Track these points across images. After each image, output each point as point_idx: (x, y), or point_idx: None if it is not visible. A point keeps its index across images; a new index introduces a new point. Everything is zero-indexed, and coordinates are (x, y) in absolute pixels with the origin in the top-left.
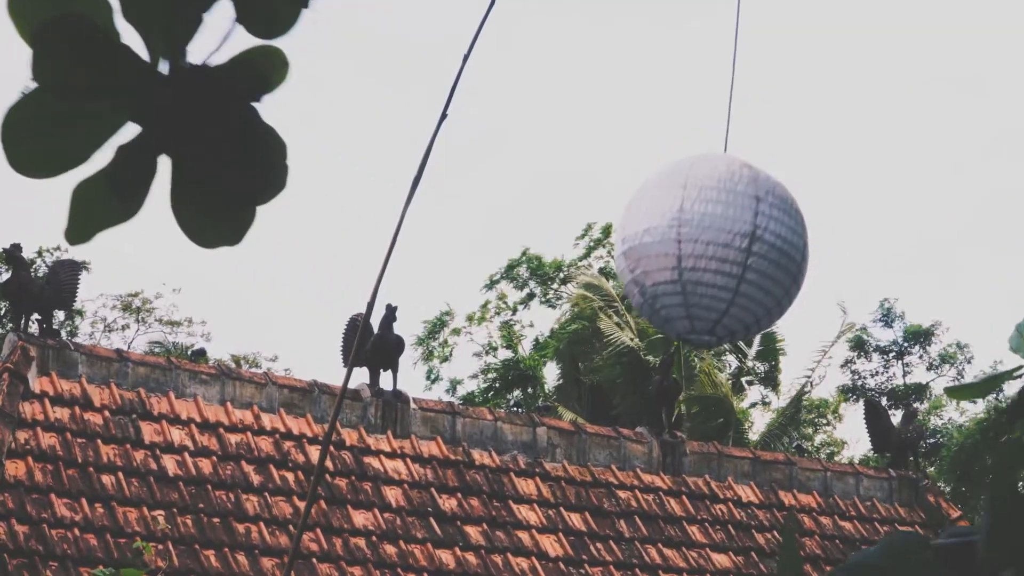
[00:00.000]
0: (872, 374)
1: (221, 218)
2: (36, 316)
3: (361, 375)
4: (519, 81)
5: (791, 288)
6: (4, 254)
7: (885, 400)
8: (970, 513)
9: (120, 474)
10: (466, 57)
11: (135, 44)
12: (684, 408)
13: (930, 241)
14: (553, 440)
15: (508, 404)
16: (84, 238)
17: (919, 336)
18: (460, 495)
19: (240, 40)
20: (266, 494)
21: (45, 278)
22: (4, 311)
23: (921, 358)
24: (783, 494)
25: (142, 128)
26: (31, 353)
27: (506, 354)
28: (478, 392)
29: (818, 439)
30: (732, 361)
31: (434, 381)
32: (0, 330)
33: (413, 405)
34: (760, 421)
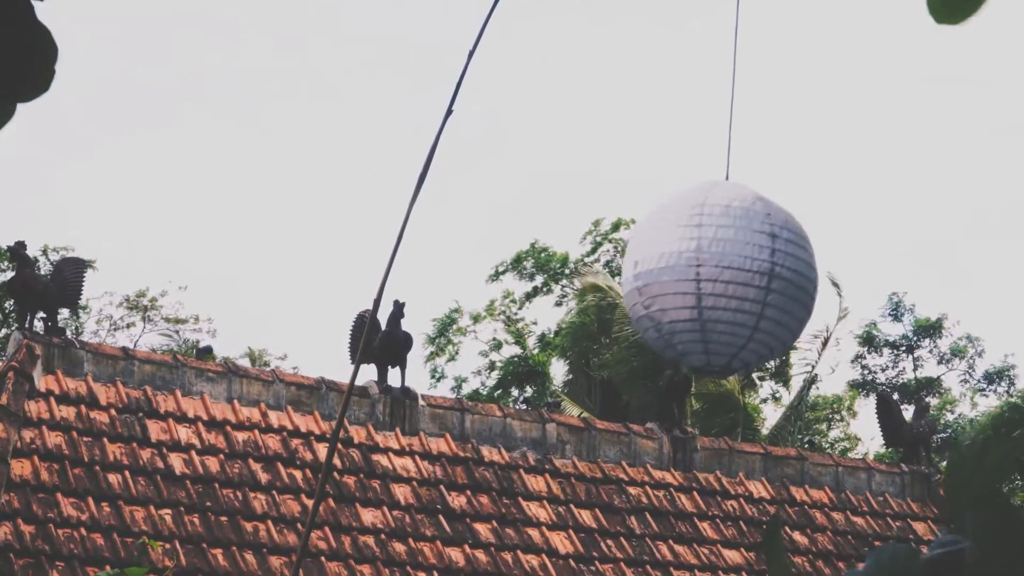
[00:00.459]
0: (882, 369)
1: None
2: (41, 314)
3: (369, 372)
4: (522, 78)
5: (805, 318)
6: (9, 252)
7: (896, 395)
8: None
9: (127, 473)
10: (471, 53)
11: None
12: (690, 405)
13: (937, 234)
14: (563, 436)
15: (514, 401)
16: None
17: (929, 330)
18: (469, 492)
19: None
20: (274, 492)
21: (50, 276)
22: (9, 309)
23: (931, 352)
24: (795, 490)
25: None
26: (36, 351)
27: (511, 351)
28: (487, 390)
29: (832, 435)
30: None
31: (439, 379)
32: (5, 329)
33: (422, 402)
34: (772, 417)
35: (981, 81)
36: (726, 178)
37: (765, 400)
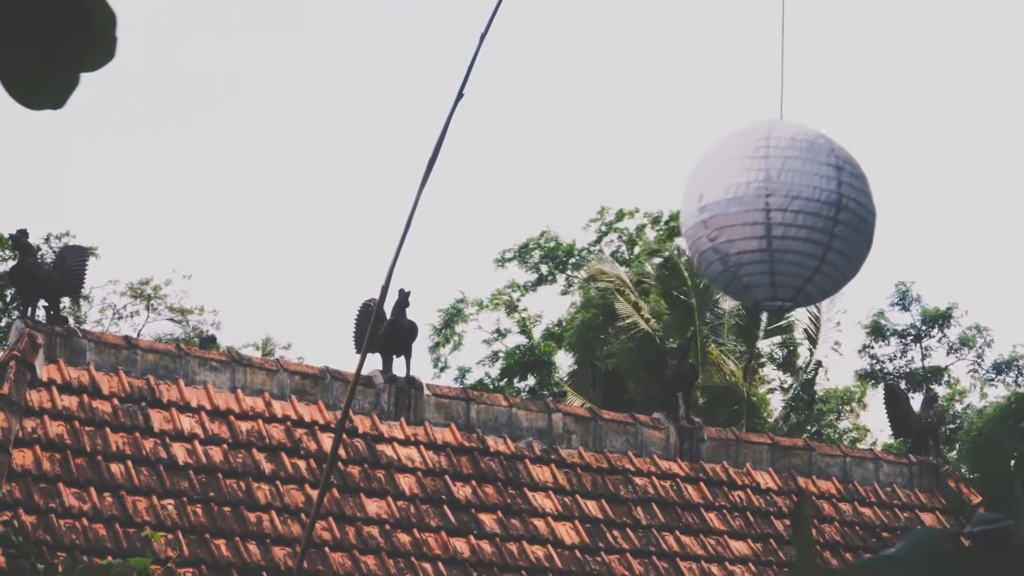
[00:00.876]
0: (890, 358)
1: (44, 80)
2: (43, 303)
3: (374, 361)
4: (529, 65)
5: (866, 253)
6: (11, 240)
7: (904, 384)
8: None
9: (129, 463)
10: (483, 36)
11: None
12: (694, 397)
13: (948, 224)
14: (569, 426)
15: (518, 391)
16: None
17: (937, 319)
18: (475, 482)
19: None
20: (277, 482)
21: (52, 264)
22: (11, 298)
23: (940, 341)
24: (802, 480)
25: None
26: (38, 340)
27: (515, 340)
28: (492, 380)
29: (842, 425)
30: (744, 347)
31: (443, 370)
32: (7, 318)
33: (427, 391)
34: (779, 407)
35: (995, 72)
36: (780, 117)
37: (773, 390)
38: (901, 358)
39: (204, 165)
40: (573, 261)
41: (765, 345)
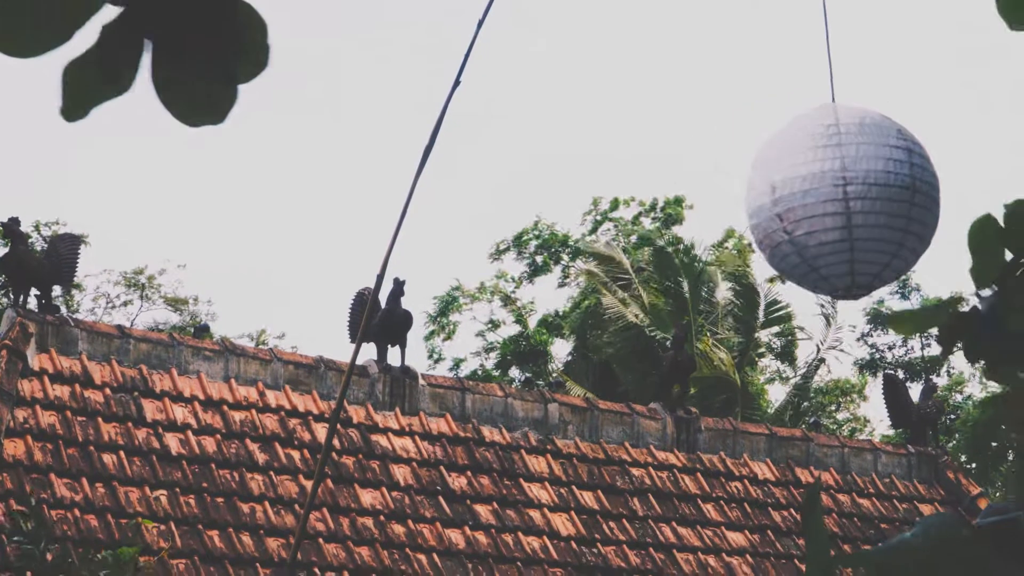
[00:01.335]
0: (890, 347)
1: (204, 96)
2: (35, 291)
3: (368, 351)
4: (524, 53)
5: (935, 229)
6: (2, 228)
7: (903, 373)
8: (989, 488)
9: (121, 453)
10: (480, 23)
11: None
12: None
13: (948, 213)
14: (565, 417)
15: (512, 381)
16: (80, 114)
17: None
18: (470, 473)
19: None
20: (271, 473)
21: (44, 252)
22: (2, 286)
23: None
24: (800, 471)
25: (123, 7)
26: (30, 329)
27: (510, 330)
28: (484, 371)
29: (840, 416)
30: (742, 336)
31: (437, 360)
32: None
33: (422, 381)
34: (778, 397)
35: (988, 54)
36: (832, 100)
37: (772, 380)
38: (901, 347)
39: (198, 155)
40: (569, 251)
41: (764, 335)
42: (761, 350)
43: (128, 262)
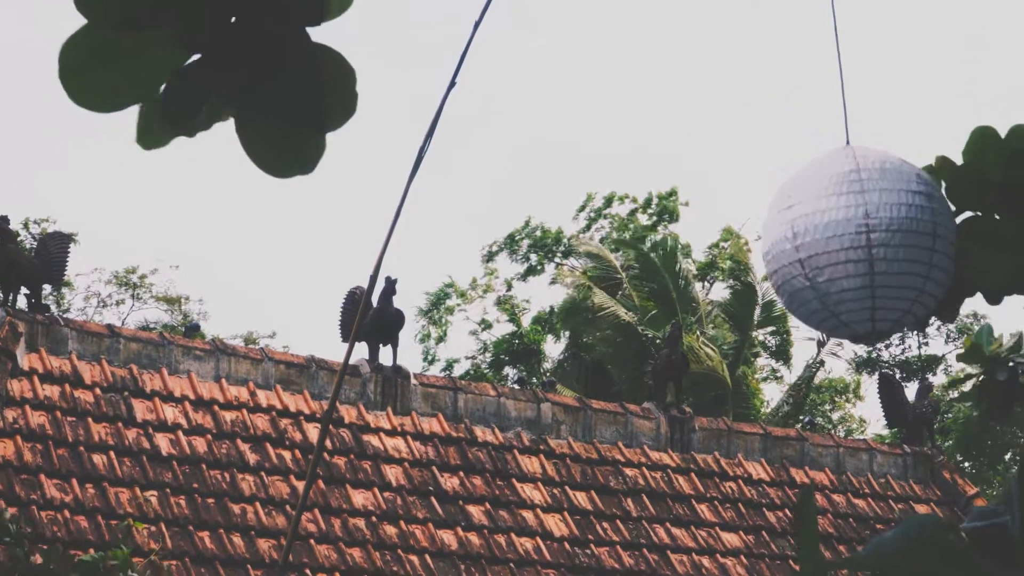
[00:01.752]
0: (886, 345)
1: (291, 146)
2: (24, 290)
3: (360, 350)
4: (517, 52)
5: (953, 274)
6: None
7: (899, 373)
8: (984, 487)
9: (112, 453)
10: (477, 24)
11: None
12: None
13: None
14: (558, 416)
15: (506, 381)
16: (156, 145)
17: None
18: (462, 473)
19: None
20: (262, 473)
21: (34, 251)
22: None
23: (939, 330)
24: (794, 471)
25: (197, 56)
26: (19, 329)
27: (503, 329)
28: (480, 370)
29: (835, 416)
30: (737, 335)
31: (432, 362)
32: None
33: (413, 381)
34: (773, 396)
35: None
36: (847, 142)
37: (766, 379)
38: (898, 346)
39: (189, 152)
40: (562, 249)
41: (759, 334)
42: (756, 349)
43: (119, 261)
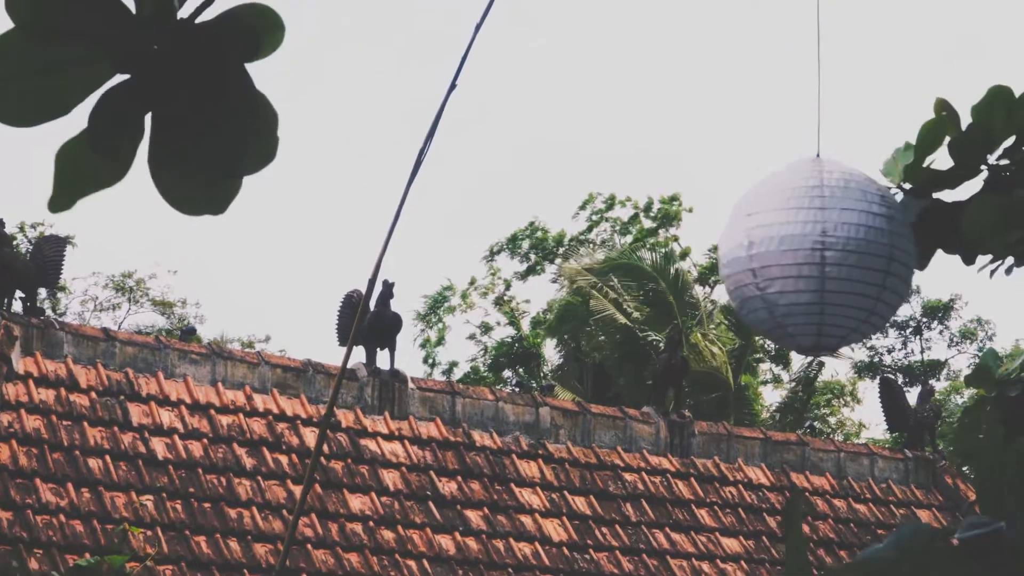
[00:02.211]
0: (889, 350)
1: (204, 185)
2: (19, 294)
3: (357, 354)
4: (520, 52)
5: (905, 299)
6: None
7: (901, 377)
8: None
9: (107, 458)
10: (478, 26)
11: None
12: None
13: None
14: (556, 421)
15: (506, 384)
16: (68, 204)
17: (937, 311)
18: (460, 478)
19: None
20: (259, 478)
21: (29, 254)
22: None
23: (941, 334)
24: (795, 476)
25: (126, 79)
26: (15, 332)
27: (503, 332)
28: (480, 373)
29: (832, 420)
30: (736, 336)
31: (433, 365)
32: None
33: (411, 385)
34: (771, 399)
35: (975, 52)
36: (817, 155)
37: (765, 382)
38: (901, 350)
39: None
40: (563, 251)
41: (759, 338)
42: (758, 355)
43: (118, 265)
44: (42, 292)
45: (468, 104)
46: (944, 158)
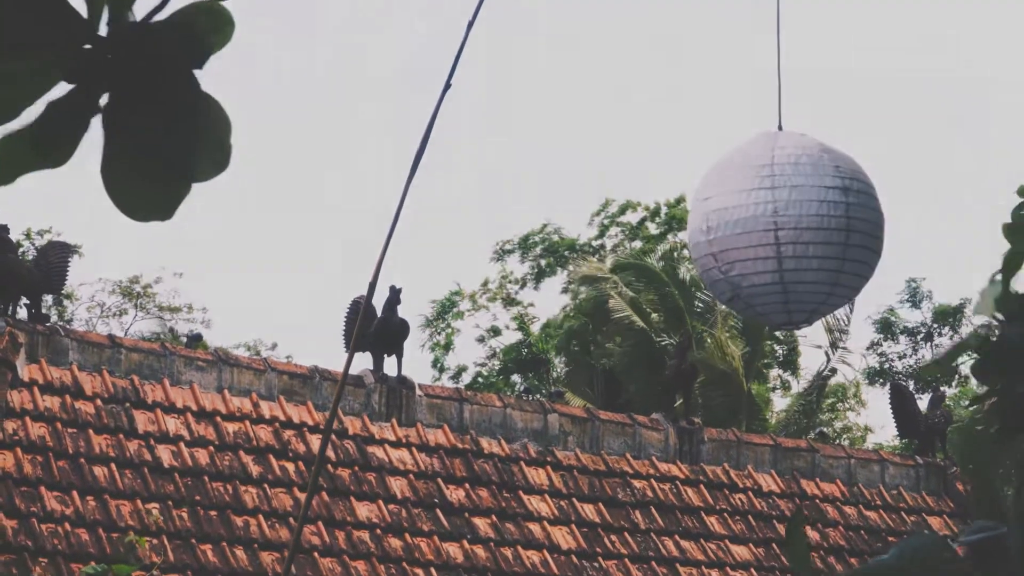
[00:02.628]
0: (899, 356)
1: (152, 189)
2: (25, 300)
3: (364, 360)
4: (527, 51)
5: (876, 263)
6: None
7: (912, 383)
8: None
9: (113, 465)
10: (471, 24)
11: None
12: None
13: (959, 219)
14: (565, 427)
15: (514, 389)
16: (4, 181)
17: (948, 316)
18: (468, 485)
19: None
20: (265, 485)
21: (34, 261)
22: None
23: (952, 339)
24: (805, 483)
25: (75, 87)
26: (20, 339)
27: (512, 336)
28: (487, 378)
29: (838, 425)
30: (746, 342)
31: (442, 370)
32: None
33: (419, 391)
34: (780, 406)
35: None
36: (779, 128)
37: (774, 388)
38: (911, 356)
39: None
40: (575, 256)
41: (767, 344)
42: (767, 360)
43: (124, 271)
44: (48, 299)
45: (470, 105)
46: None
